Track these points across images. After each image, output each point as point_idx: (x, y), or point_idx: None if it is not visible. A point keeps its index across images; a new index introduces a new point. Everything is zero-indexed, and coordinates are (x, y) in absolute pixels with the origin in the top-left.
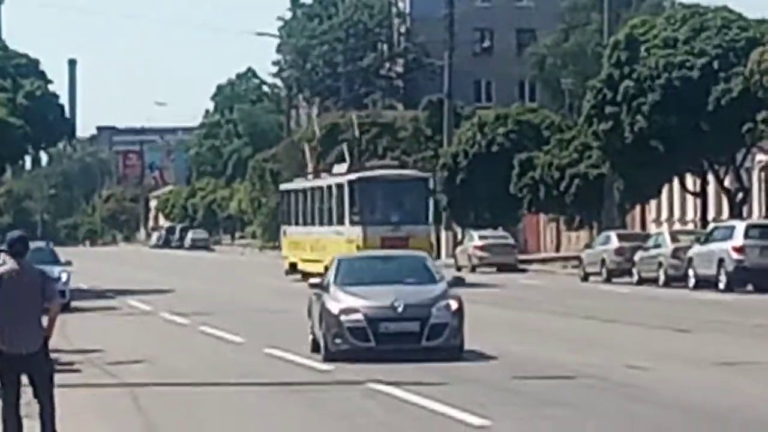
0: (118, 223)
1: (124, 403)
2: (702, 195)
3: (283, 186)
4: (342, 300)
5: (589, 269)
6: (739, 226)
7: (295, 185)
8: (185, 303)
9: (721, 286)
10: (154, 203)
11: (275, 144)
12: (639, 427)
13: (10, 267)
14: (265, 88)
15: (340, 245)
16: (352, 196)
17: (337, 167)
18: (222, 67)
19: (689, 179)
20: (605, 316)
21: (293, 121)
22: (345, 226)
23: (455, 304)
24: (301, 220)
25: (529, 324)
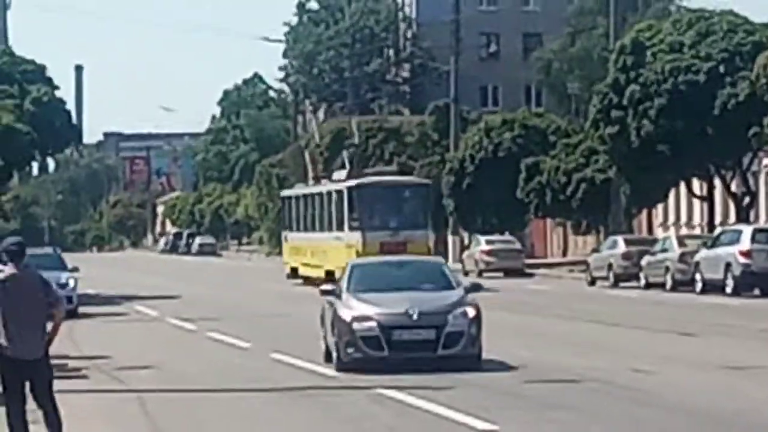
0: (125, 228)
1: (132, 408)
2: (709, 199)
3: (284, 192)
4: (354, 307)
5: (596, 274)
6: (746, 230)
7: (295, 191)
8: (192, 308)
9: (728, 290)
10: (161, 209)
11: (282, 149)
12: (644, 431)
13: (10, 272)
14: (271, 94)
15: (340, 250)
16: (351, 202)
17: (336, 173)
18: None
19: (696, 183)
20: (611, 321)
21: (300, 127)
22: (344, 231)
23: (473, 311)
24: (302, 226)
25: (536, 328)
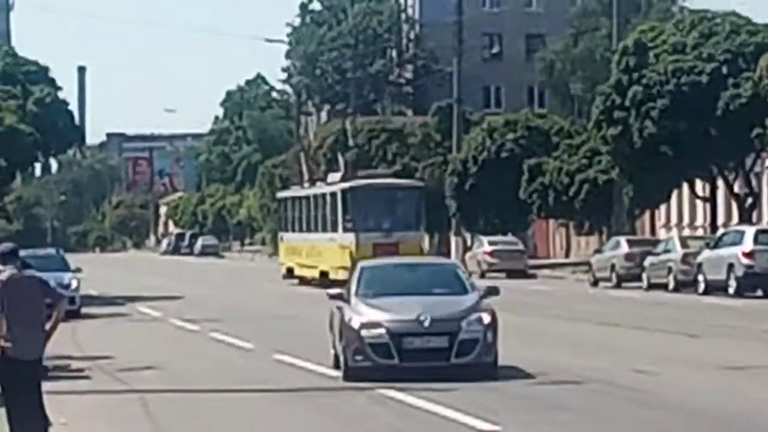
0: (128, 229)
1: (134, 409)
2: (711, 200)
3: (280, 194)
4: (363, 313)
5: (599, 275)
6: (749, 231)
7: (291, 193)
8: (195, 309)
9: (731, 291)
10: (163, 210)
11: (285, 150)
12: None
13: (10, 273)
14: (274, 95)
15: (334, 251)
16: (345, 203)
17: (331, 176)
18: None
19: (699, 184)
20: (614, 321)
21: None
22: (338, 232)
23: (488, 317)
24: (297, 227)
25: (538, 329)
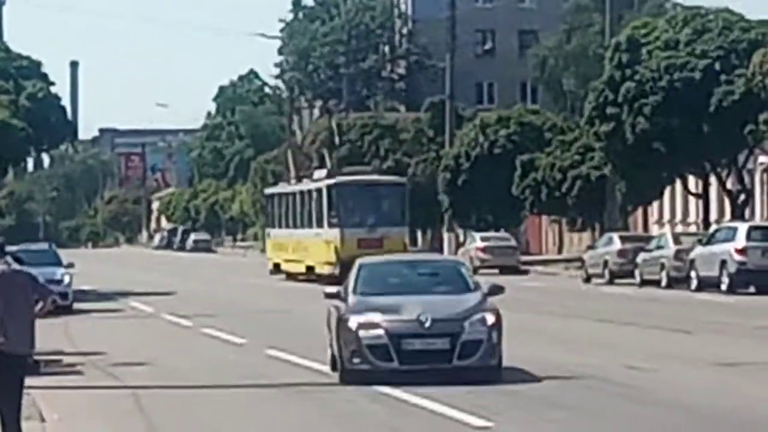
0: (120, 225)
1: (126, 404)
2: (704, 196)
3: (267, 190)
4: (361, 313)
5: (592, 271)
6: (741, 227)
7: (278, 189)
8: (187, 305)
9: (724, 287)
10: (156, 205)
11: (277, 146)
12: (640, 428)
13: (1, 268)
14: (267, 90)
15: (320, 247)
16: (330, 200)
17: (317, 172)
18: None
19: (691, 181)
20: (607, 318)
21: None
22: (324, 228)
23: (492, 318)
24: (284, 223)
25: (531, 326)
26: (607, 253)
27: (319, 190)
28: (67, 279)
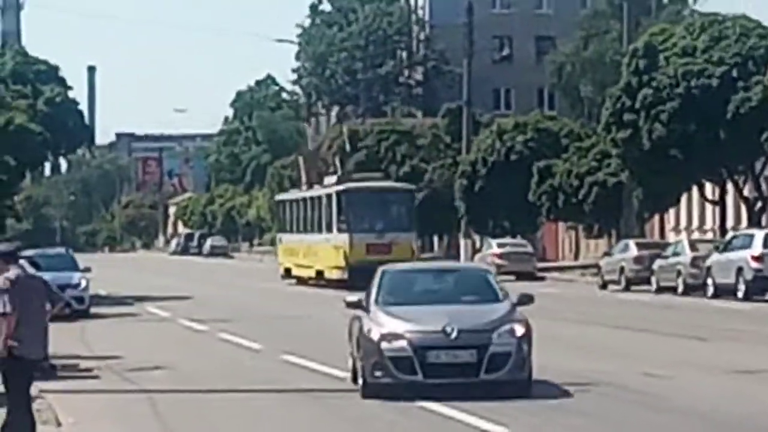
0: (137, 229)
1: (143, 409)
2: (721, 203)
3: (278, 197)
4: (383, 323)
5: (608, 277)
6: (758, 234)
7: (289, 196)
8: (203, 309)
9: (740, 294)
10: (173, 210)
11: (294, 151)
12: None
13: (18, 272)
14: (284, 95)
15: (329, 252)
16: (339, 205)
17: (327, 179)
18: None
19: (708, 187)
20: (623, 324)
21: (312, 129)
22: (333, 233)
23: (521, 329)
24: (295, 228)
25: (547, 332)
26: (624, 260)
27: (329, 196)
28: (83, 283)
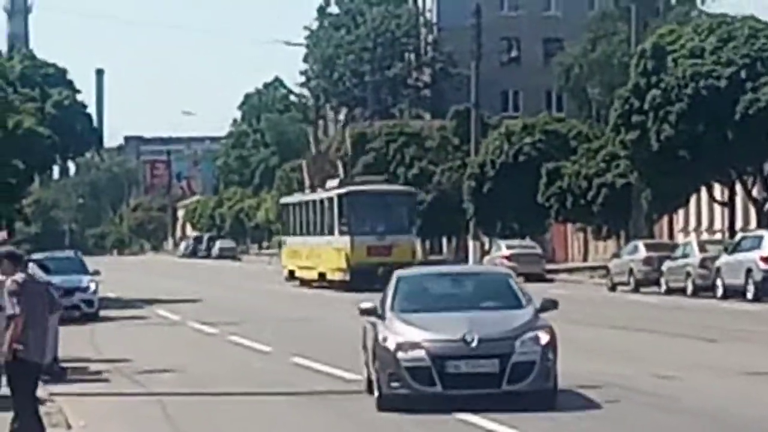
0: (146, 232)
1: (153, 412)
2: (730, 204)
3: (282, 200)
4: (400, 332)
5: (617, 279)
6: (767, 235)
7: (293, 199)
8: (213, 312)
9: (749, 295)
10: (181, 213)
11: (302, 154)
12: None
13: (25, 276)
14: (292, 98)
15: (331, 254)
16: (341, 208)
17: (330, 182)
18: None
19: (717, 188)
20: (632, 326)
21: (321, 131)
22: (335, 236)
23: (546, 336)
24: (299, 231)
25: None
26: (633, 261)
27: (331, 199)
28: (93, 286)
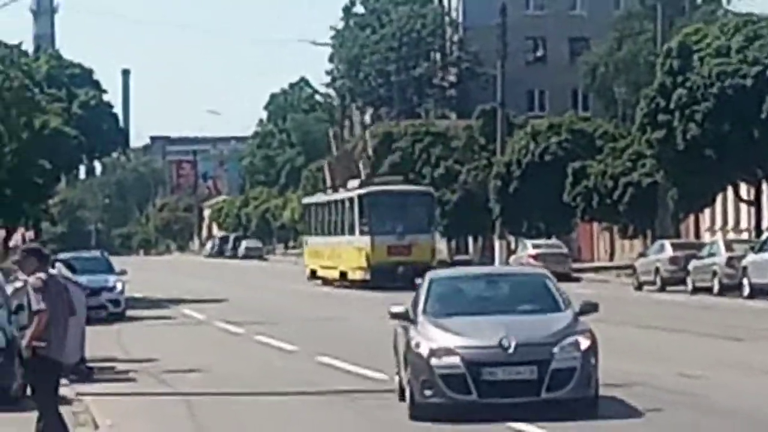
0: (172, 232)
1: (179, 411)
2: (756, 203)
3: (304, 200)
4: (433, 337)
5: (643, 278)
6: None
7: (315, 199)
8: (239, 312)
9: None
10: (207, 213)
11: (328, 153)
12: None
13: (48, 274)
14: (318, 98)
15: (351, 253)
16: (361, 208)
17: (350, 182)
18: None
19: (743, 187)
20: (659, 325)
21: (347, 131)
22: (355, 235)
23: (586, 342)
24: (320, 231)
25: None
26: (659, 260)
27: (351, 200)
28: (119, 286)
